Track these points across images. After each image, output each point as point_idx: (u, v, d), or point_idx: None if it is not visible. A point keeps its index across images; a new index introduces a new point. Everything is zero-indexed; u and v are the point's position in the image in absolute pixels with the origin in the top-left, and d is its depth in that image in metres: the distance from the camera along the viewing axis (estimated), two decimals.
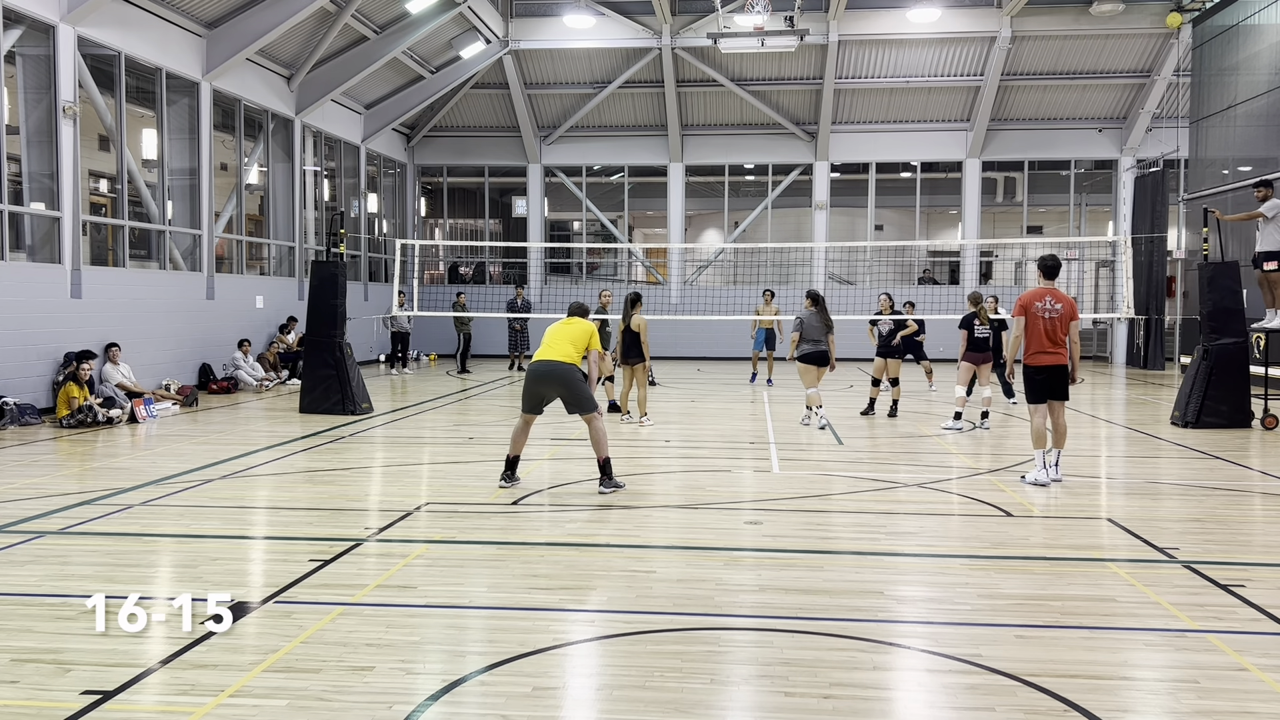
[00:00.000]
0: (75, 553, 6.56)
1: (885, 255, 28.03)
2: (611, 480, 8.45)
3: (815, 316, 12.78)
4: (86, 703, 4.08)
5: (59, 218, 14.14)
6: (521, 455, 8.77)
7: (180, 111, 17.47)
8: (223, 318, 18.04)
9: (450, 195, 29.49)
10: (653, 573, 6.13)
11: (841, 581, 5.96)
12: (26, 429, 12.46)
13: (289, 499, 8.46)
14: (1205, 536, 7.19)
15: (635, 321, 13.04)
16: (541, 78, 26.48)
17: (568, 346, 8.45)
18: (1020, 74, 25.34)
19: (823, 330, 12.77)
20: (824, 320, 12.78)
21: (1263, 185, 13.38)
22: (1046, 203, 29.12)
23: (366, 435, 12.31)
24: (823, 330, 12.77)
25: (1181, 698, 4.25)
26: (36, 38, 13.90)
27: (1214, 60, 20.60)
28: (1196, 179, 21.63)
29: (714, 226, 31.94)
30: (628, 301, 13.21)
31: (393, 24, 21.40)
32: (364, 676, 4.40)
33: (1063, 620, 5.25)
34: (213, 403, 15.92)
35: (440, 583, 5.89)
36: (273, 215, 20.87)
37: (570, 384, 8.37)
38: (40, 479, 9.19)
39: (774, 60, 25.00)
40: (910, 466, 10.23)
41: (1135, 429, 13.29)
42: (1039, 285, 9.17)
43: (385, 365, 23.88)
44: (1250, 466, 10.24)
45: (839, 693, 4.26)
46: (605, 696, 4.25)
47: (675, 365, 24.23)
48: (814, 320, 12.78)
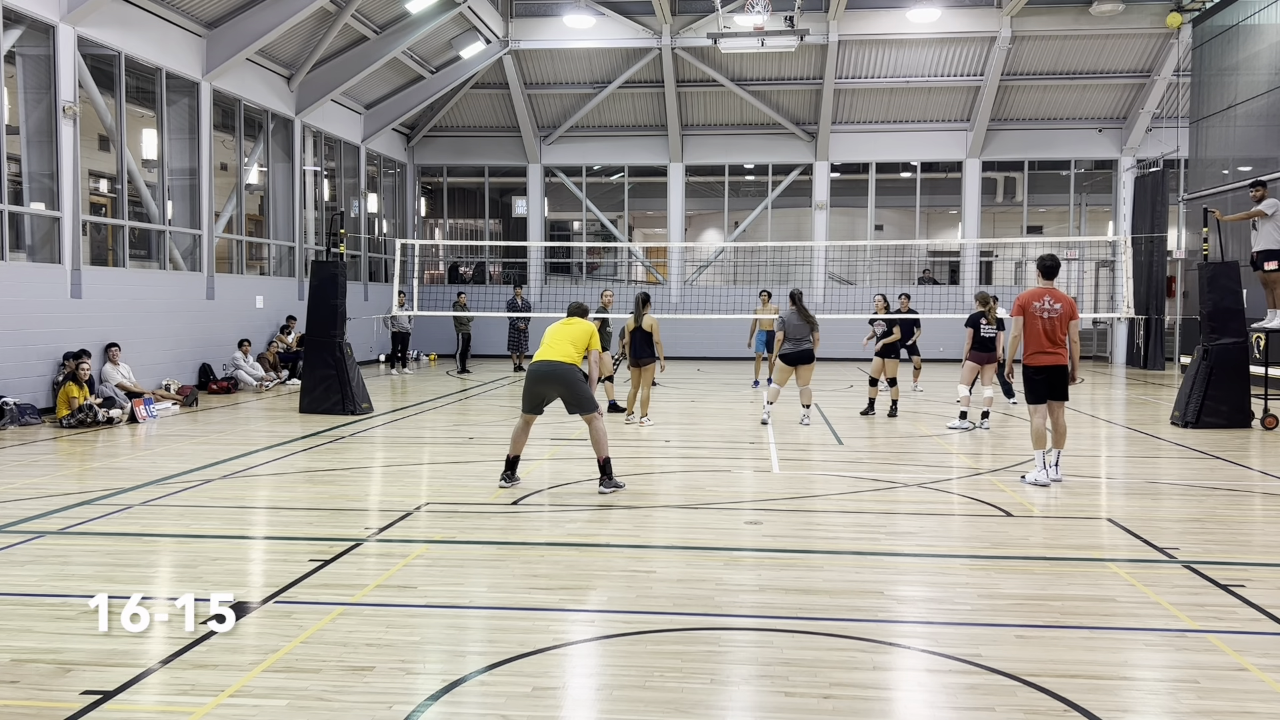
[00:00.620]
0: (75, 553, 6.56)
1: (885, 255, 28.04)
2: (612, 480, 8.46)
3: (796, 315, 12.83)
4: (86, 703, 4.08)
5: (59, 218, 14.14)
6: (522, 455, 8.78)
7: (180, 111, 17.47)
8: (223, 318, 18.04)
9: (450, 195, 29.49)
10: (653, 573, 6.13)
11: (841, 581, 5.96)
12: (26, 429, 12.46)
13: (289, 499, 8.46)
14: (1205, 536, 7.19)
15: (648, 321, 13.05)
16: (541, 78, 26.48)
17: (568, 347, 8.45)
18: (1020, 74, 25.34)
19: (806, 329, 12.80)
20: (805, 319, 12.80)
21: (1258, 185, 13.40)
22: (1046, 203, 29.12)
23: (366, 435, 12.31)
24: (806, 329, 12.80)
25: (1181, 698, 4.25)
26: (36, 38, 13.90)
27: (1214, 60, 20.60)
28: (1196, 179, 21.63)
29: (714, 226, 31.94)
30: (638, 301, 13.19)
31: (393, 24, 21.40)
32: (364, 676, 4.40)
33: (1063, 620, 5.25)
34: (213, 403, 15.92)
35: (440, 583, 5.89)
36: (273, 215, 20.87)
37: (571, 384, 8.38)
38: (40, 479, 9.19)
39: (774, 60, 25.00)
40: (910, 466, 10.23)
41: (1135, 429, 13.29)
42: (1038, 285, 9.17)
43: (385, 365, 23.88)
44: (1250, 466, 10.24)
45: (839, 693, 4.26)
46: (605, 696, 4.25)
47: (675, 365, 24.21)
48: (795, 319, 12.83)
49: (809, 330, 12.82)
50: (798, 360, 12.88)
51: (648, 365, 13.11)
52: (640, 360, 13.11)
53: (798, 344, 12.82)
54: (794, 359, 12.88)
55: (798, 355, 12.85)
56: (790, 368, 12.95)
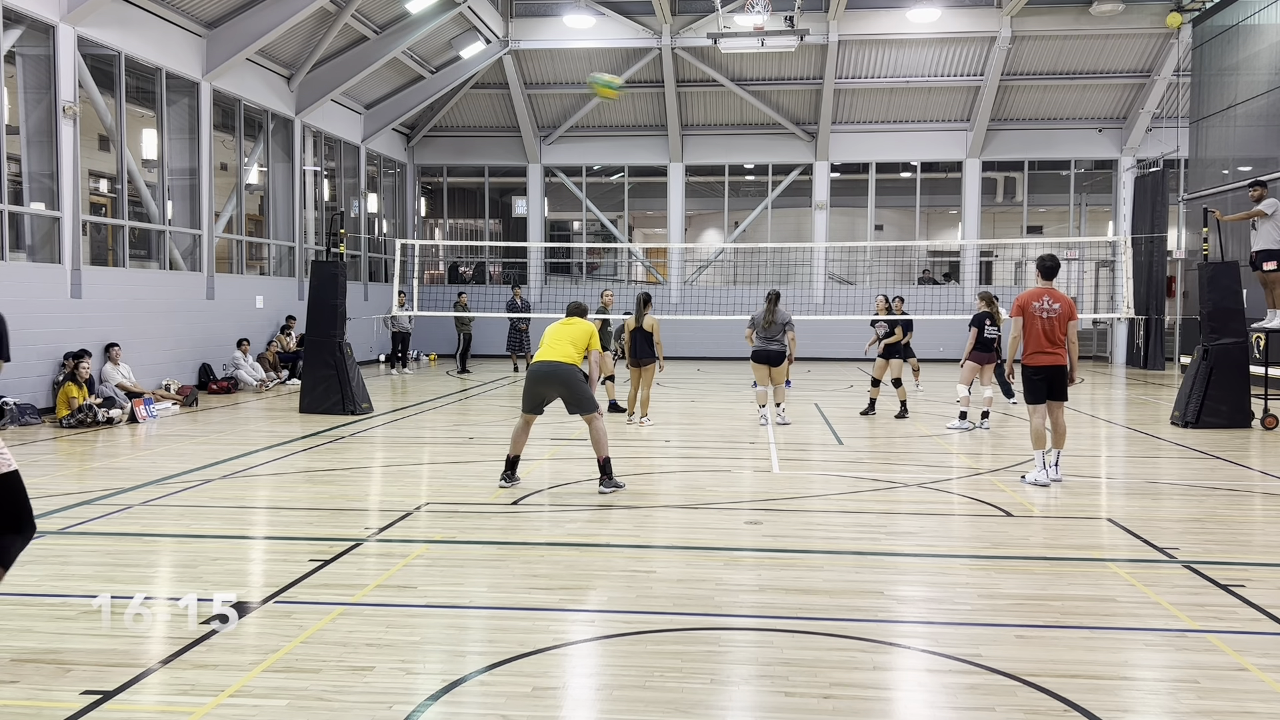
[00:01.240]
0: (75, 553, 6.56)
1: (885, 255, 28.04)
2: (612, 480, 8.46)
3: (764, 314, 12.87)
4: (86, 703, 4.08)
5: (59, 218, 14.14)
6: (522, 455, 8.78)
7: (180, 111, 17.47)
8: (223, 318, 18.04)
9: (450, 195, 29.49)
10: (653, 573, 6.13)
11: (841, 581, 5.96)
12: (26, 429, 12.46)
13: (289, 499, 8.46)
14: (1205, 536, 7.19)
15: (649, 321, 13.05)
16: (541, 78, 26.48)
17: (568, 347, 8.46)
18: (1020, 74, 25.34)
19: (775, 329, 12.80)
20: (770, 319, 12.81)
21: (1257, 185, 13.40)
22: (1046, 203, 29.12)
23: (366, 435, 12.31)
24: (775, 329, 12.80)
25: (1181, 698, 4.25)
26: (36, 38, 13.90)
27: (1214, 60, 20.60)
28: (1196, 179, 21.63)
29: (714, 226, 31.94)
30: (639, 301, 13.16)
31: (393, 24, 21.40)
32: (364, 676, 4.40)
33: (1063, 620, 5.25)
34: (213, 403, 15.92)
35: (440, 583, 5.89)
36: (273, 215, 20.87)
37: (571, 385, 8.39)
38: (40, 479, 9.19)
39: (774, 60, 25.00)
40: (910, 466, 10.23)
41: (1135, 429, 13.29)
42: (1037, 285, 9.17)
43: (385, 365, 23.89)
44: (1250, 466, 10.24)
45: (839, 693, 4.26)
46: (605, 696, 4.25)
47: (675, 365, 24.25)
48: (762, 318, 12.87)
49: (778, 331, 12.83)
50: (765, 360, 12.93)
51: (648, 365, 13.10)
52: (641, 360, 13.09)
53: (766, 343, 12.88)
54: (761, 358, 12.96)
55: (765, 355, 12.91)
56: (761, 366, 13.00)
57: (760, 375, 13.11)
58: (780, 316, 12.86)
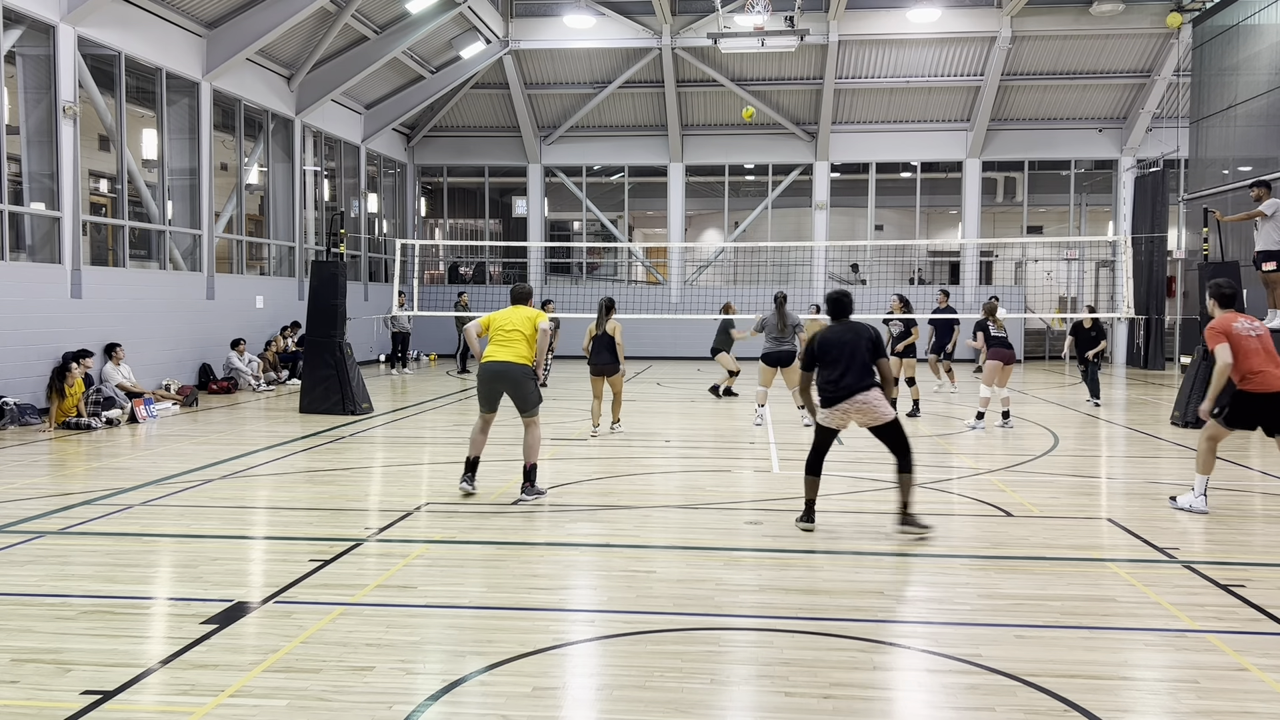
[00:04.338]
0: (75, 553, 6.56)
1: (885, 255, 28.04)
2: (534, 487, 8.31)
3: (775, 316, 12.86)
4: (86, 703, 4.08)
5: (59, 218, 14.14)
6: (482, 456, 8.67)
7: (180, 111, 17.47)
8: (223, 318, 18.04)
9: (450, 195, 29.49)
10: (653, 573, 6.13)
11: (841, 581, 5.96)
12: (26, 429, 12.46)
13: (289, 499, 8.46)
14: (1205, 536, 7.19)
15: (611, 326, 12.17)
16: (541, 78, 26.48)
17: (522, 347, 8.39)
18: (1020, 74, 25.34)
19: (787, 331, 12.80)
20: (781, 320, 12.79)
21: (1259, 185, 13.38)
22: (1046, 203, 29.13)
23: (366, 435, 12.31)
24: (787, 331, 12.80)
25: (1181, 698, 4.25)
26: (36, 38, 13.90)
27: (1214, 60, 20.59)
28: (1196, 179, 21.63)
29: (714, 226, 31.95)
30: (602, 307, 12.22)
31: (393, 24, 21.40)
32: (364, 676, 4.40)
33: (1063, 620, 5.25)
34: (213, 403, 15.91)
35: (440, 583, 5.88)
36: (273, 215, 20.87)
37: (520, 385, 8.37)
38: (40, 479, 9.19)
39: (774, 60, 25.00)
40: None
41: (1135, 429, 13.28)
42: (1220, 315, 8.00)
43: (385, 365, 23.88)
44: (1250, 466, 10.24)
45: (839, 693, 4.26)
46: (605, 696, 4.25)
47: (675, 365, 24.26)
48: (773, 320, 12.86)
49: (789, 332, 12.83)
50: (776, 361, 12.91)
51: (612, 373, 12.15)
52: (604, 367, 12.08)
53: (777, 344, 12.87)
54: (772, 359, 12.94)
55: (777, 356, 12.90)
56: (771, 368, 12.98)
57: (766, 377, 13.07)
58: (790, 318, 12.89)
